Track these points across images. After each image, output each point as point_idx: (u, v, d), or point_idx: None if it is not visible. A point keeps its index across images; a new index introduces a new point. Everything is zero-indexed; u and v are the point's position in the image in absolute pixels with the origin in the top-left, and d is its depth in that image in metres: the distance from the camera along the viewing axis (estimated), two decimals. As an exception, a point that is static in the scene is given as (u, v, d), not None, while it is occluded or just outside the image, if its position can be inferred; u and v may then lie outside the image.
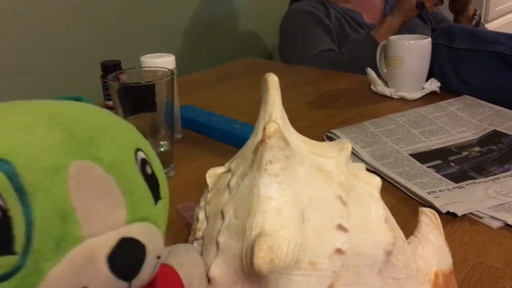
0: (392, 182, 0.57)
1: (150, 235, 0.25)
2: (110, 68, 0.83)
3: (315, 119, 0.80)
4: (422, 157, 0.62)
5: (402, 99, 0.86)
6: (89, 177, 0.23)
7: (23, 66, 0.97)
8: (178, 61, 0.71)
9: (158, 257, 0.25)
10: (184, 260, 0.32)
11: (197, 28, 1.32)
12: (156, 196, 0.27)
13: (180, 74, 0.83)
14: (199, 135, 0.75)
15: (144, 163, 0.26)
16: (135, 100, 0.58)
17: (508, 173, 0.57)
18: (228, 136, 0.69)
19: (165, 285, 0.30)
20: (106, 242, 0.23)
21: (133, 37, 1.15)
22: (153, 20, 1.20)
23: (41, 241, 0.21)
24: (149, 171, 0.26)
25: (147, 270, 0.24)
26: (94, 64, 0.92)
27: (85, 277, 0.22)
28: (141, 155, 0.26)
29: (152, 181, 0.26)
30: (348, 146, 0.35)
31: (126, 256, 0.23)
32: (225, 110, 0.80)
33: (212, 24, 1.37)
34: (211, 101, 0.90)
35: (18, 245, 0.21)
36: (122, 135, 0.26)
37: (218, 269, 0.31)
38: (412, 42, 0.85)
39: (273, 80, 0.34)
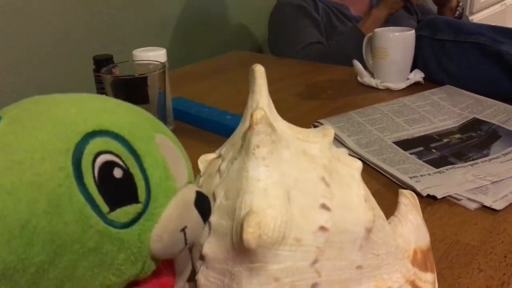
0: (377, 168, 0.60)
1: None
2: (102, 62, 0.84)
3: (304, 110, 0.83)
4: (405, 144, 0.65)
5: (388, 90, 0.89)
6: (167, 145, 0.30)
7: (15, 61, 0.98)
8: (169, 55, 0.73)
9: None
10: None
11: (188, 22, 1.34)
12: None
13: (172, 68, 0.85)
14: (191, 126, 0.77)
15: None
16: (128, 92, 0.60)
17: (486, 158, 0.60)
18: (219, 127, 0.72)
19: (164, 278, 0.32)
20: (190, 193, 0.30)
21: (125, 31, 1.17)
22: (145, 14, 1.22)
23: (156, 192, 0.28)
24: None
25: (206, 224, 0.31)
26: (86, 58, 0.93)
27: (185, 218, 0.29)
28: None
29: None
30: (331, 132, 0.37)
31: (204, 203, 0.30)
32: (216, 102, 0.82)
33: (203, 18, 1.39)
34: (202, 94, 0.92)
35: (141, 196, 0.27)
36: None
37: (210, 247, 0.34)
38: (397, 34, 0.88)
39: (259, 71, 0.36)
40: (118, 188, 0.27)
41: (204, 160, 0.40)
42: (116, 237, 0.26)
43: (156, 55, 0.69)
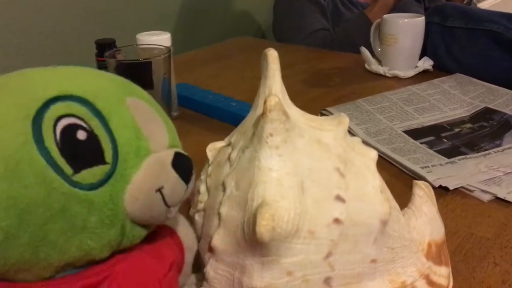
0: (386, 158, 0.58)
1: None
2: (105, 46, 0.83)
3: (310, 97, 0.81)
4: (415, 133, 0.64)
5: (396, 77, 0.87)
6: (140, 107, 0.29)
7: (15, 46, 0.96)
8: (172, 41, 0.71)
9: (193, 174, 0.31)
10: (174, 223, 0.35)
11: (191, 8, 1.32)
12: None
13: (175, 53, 0.83)
14: (195, 113, 0.75)
15: None
16: (132, 77, 0.58)
17: (499, 148, 0.59)
18: (224, 114, 0.70)
19: (166, 248, 0.32)
20: (167, 154, 0.29)
21: (127, 16, 1.14)
22: (146, -1, 1.19)
23: (125, 152, 0.27)
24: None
25: (193, 180, 0.30)
26: (88, 43, 0.91)
27: (161, 179, 0.28)
28: None
29: None
30: (345, 120, 0.36)
31: (183, 163, 0.30)
32: (220, 89, 0.80)
33: (206, 3, 1.36)
34: (206, 80, 0.90)
35: (108, 156, 0.27)
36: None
37: (220, 239, 0.32)
38: (406, 20, 0.86)
39: (272, 55, 0.35)
40: (82, 150, 0.26)
41: (212, 148, 0.38)
42: (84, 198, 0.26)
43: (161, 39, 0.67)
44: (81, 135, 0.26)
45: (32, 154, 0.25)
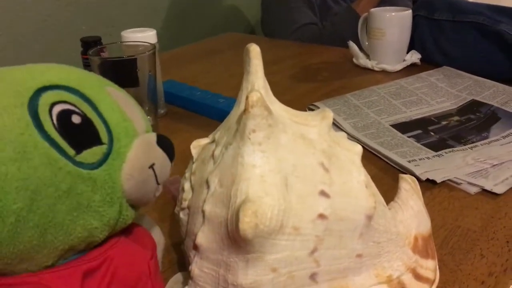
0: (374, 152, 0.58)
1: None
2: (90, 44, 0.82)
3: (298, 92, 0.81)
4: (403, 127, 0.64)
5: (384, 71, 0.87)
6: (118, 95, 0.31)
7: (2, 45, 0.95)
8: (160, 37, 0.70)
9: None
10: (141, 222, 0.37)
11: (179, 4, 1.31)
12: None
13: (163, 50, 0.83)
14: (183, 110, 0.75)
15: None
16: (117, 75, 0.58)
17: (486, 140, 0.59)
18: (212, 110, 0.70)
19: (145, 238, 0.34)
20: (150, 135, 0.32)
21: (114, 13, 1.13)
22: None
23: (117, 132, 0.29)
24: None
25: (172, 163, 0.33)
26: (74, 40, 0.90)
27: (152, 156, 0.31)
28: None
29: None
30: (329, 115, 0.35)
31: (165, 141, 0.33)
32: (208, 85, 0.80)
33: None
34: (195, 76, 0.90)
35: (103, 137, 0.29)
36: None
37: (204, 237, 0.32)
38: (393, 14, 0.86)
39: (255, 50, 0.34)
40: (80, 132, 0.28)
41: (197, 145, 0.38)
42: (87, 177, 0.27)
43: (146, 36, 0.66)
44: (76, 119, 0.28)
45: (35, 137, 0.26)
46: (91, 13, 1.09)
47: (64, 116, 0.27)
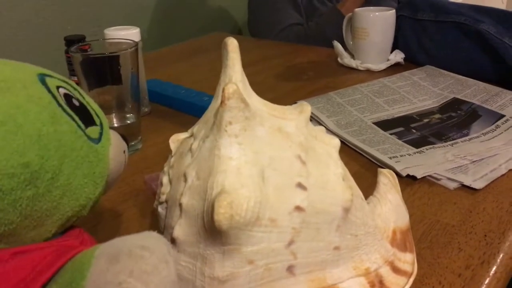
0: (356, 149, 0.59)
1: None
2: (74, 42, 0.81)
3: (283, 91, 0.81)
4: (385, 125, 0.64)
5: (368, 71, 0.87)
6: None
7: (-16, 43, 0.94)
8: (147, 37, 0.70)
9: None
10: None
11: (165, 4, 1.30)
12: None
13: (149, 50, 0.83)
14: (167, 109, 0.75)
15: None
16: (99, 72, 0.58)
17: (466, 137, 0.60)
18: (196, 108, 0.70)
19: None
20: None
21: (100, 13, 1.13)
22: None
23: (102, 117, 0.34)
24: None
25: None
26: (58, 39, 0.89)
27: (123, 143, 0.37)
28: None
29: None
30: (307, 108, 0.36)
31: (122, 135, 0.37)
32: (193, 84, 0.80)
33: (180, -1, 1.35)
34: (180, 76, 0.90)
35: (96, 120, 0.33)
36: None
37: (181, 230, 0.32)
38: (377, 13, 0.86)
39: (232, 44, 0.34)
40: (81, 113, 0.32)
41: (175, 139, 0.38)
42: (95, 149, 0.31)
43: (129, 33, 0.66)
44: (76, 102, 0.32)
45: (58, 110, 0.29)
46: (77, 12, 1.08)
47: (68, 98, 0.31)
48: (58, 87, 0.31)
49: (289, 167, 0.32)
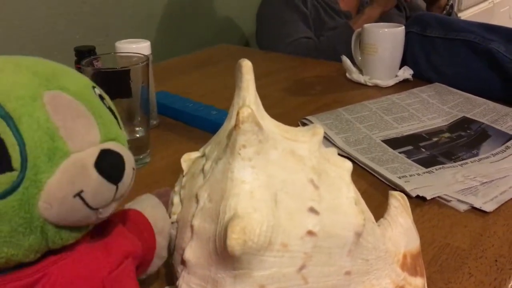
0: (365, 167, 0.59)
1: (123, 149, 0.28)
2: (84, 53, 0.82)
3: (291, 106, 0.81)
4: (394, 143, 0.64)
5: (376, 87, 0.87)
6: (62, 102, 0.27)
7: (-6, 51, 0.95)
8: (154, 48, 0.70)
9: (133, 169, 0.29)
10: (146, 205, 0.36)
11: (174, 14, 1.31)
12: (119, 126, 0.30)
13: (156, 61, 0.83)
14: (175, 122, 0.75)
15: (101, 98, 0.30)
16: (110, 86, 0.57)
17: (476, 158, 0.59)
18: (204, 122, 0.70)
19: (135, 225, 0.33)
20: (90, 153, 0.27)
21: (108, 23, 1.13)
22: (129, 5, 1.18)
23: (35, 156, 0.25)
24: (107, 105, 0.30)
25: (128, 176, 0.28)
26: (68, 49, 0.90)
27: (80, 183, 0.26)
28: (97, 91, 0.30)
29: (112, 114, 0.30)
30: (320, 131, 0.36)
31: (109, 162, 0.27)
32: (201, 97, 0.80)
33: (189, 10, 1.36)
34: (188, 87, 0.90)
35: (16, 162, 0.25)
36: (77, 73, 0.30)
37: (192, 252, 0.32)
38: (386, 30, 0.86)
39: (247, 66, 0.34)
40: None
41: (187, 158, 0.38)
42: None
43: (140, 47, 0.66)
44: None
45: None
46: (85, 22, 1.09)
47: None
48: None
49: (301, 191, 0.32)
